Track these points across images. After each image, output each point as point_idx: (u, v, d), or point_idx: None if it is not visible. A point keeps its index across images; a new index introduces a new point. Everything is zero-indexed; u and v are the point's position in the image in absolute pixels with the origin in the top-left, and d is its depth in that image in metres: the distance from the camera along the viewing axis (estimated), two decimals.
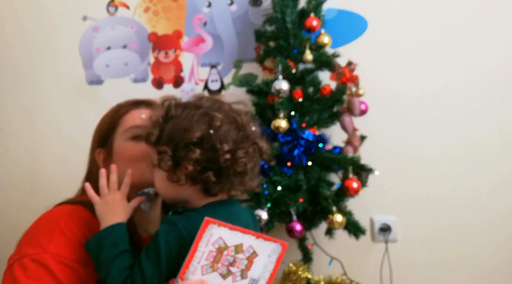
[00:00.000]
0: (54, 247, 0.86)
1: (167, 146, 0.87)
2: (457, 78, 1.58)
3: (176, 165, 0.86)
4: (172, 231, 0.83)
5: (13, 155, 1.76)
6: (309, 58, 1.40)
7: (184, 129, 0.86)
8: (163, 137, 0.88)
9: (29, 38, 1.76)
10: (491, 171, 1.55)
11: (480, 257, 1.55)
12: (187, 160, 0.85)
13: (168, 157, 0.86)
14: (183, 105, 0.91)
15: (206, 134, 0.86)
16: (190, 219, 0.84)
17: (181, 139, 0.86)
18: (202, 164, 0.85)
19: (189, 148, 0.85)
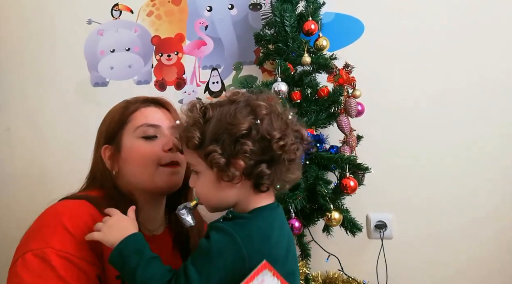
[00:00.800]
0: (57, 242, 0.85)
1: (215, 145, 0.81)
2: (453, 79, 1.59)
3: (227, 163, 0.81)
4: (229, 244, 0.77)
5: (19, 154, 1.78)
6: (307, 60, 1.41)
7: (230, 124, 0.81)
8: (206, 138, 0.83)
9: (35, 40, 1.79)
10: (487, 170, 1.57)
11: (474, 255, 1.56)
12: (240, 154, 0.80)
13: (218, 155, 0.81)
14: (218, 103, 0.86)
15: (254, 125, 0.81)
16: (244, 229, 0.79)
17: (228, 134, 0.81)
18: (254, 157, 0.81)
19: (239, 142, 0.80)
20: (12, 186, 1.78)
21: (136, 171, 1.01)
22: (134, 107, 1.06)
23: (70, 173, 1.67)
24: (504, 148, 1.56)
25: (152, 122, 1.04)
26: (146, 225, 1.05)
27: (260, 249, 0.78)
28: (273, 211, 0.87)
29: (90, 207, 0.94)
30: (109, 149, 1.05)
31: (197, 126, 0.84)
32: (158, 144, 1.03)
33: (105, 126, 1.08)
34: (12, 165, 1.79)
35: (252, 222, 0.81)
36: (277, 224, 0.85)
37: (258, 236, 0.79)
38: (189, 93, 1.72)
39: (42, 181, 1.75)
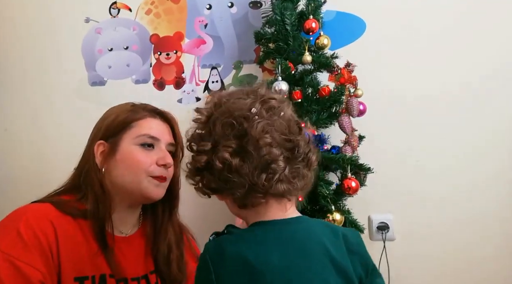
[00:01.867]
0: (5, 245, 0.88)
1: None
2: (454, 78, 1.59)
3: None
4: (201, 267, 0.73)
5: (17, 154, 1.77)
6: (308, 59, 1.41)
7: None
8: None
9: (33, 39, 1.78)
10: (489, 170, 1.56)
11: (479, 256, 1.55)
12: (191, 173, 0.81)
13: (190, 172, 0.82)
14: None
15: (195, 136, 0.81)
16: (218, 246, 0.73)
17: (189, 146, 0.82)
18: (196, 174, 0.80)
19: (195, 155, 0.80)
20: (11, 187, 1.77)
21: (126, 175, 1.04)
22: (142, 114, 1.09)
23: (68, 173, 1.67)
24: (509, 147, 1.55)
25: (155, 135, 1.08)
26: (119, 228, 1.07)
27: (233, 272, 0.69)
28: (274, 227, 0.74)
29: (52, 210, 0.96)
30: (103, 146, 1.07)
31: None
32: (153, 155, 1.06)
33: (106, 123, 1.09)
34: (10, 165, 1.78)
35: (233, 238, 0.73)
36: (273, 245, 0.71)
37: (233, 256, 0.70)
38: (188, 92, 1.71)
39: (40, 181, 1.72)
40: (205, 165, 0.75)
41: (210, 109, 0.78)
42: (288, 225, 0.75)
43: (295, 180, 0.74)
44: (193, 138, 0.80)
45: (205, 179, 0.77)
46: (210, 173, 0.75)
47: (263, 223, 0.75)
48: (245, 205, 0.75)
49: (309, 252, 0.72)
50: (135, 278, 1.04)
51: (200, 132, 0.78)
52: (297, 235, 0.74)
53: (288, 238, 0.73)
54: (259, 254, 0.69)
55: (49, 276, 0.89)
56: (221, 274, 0.68)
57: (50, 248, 0.91)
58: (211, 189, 0.77)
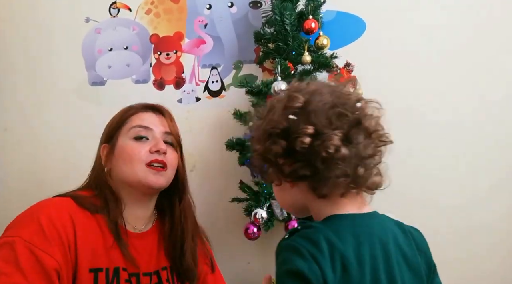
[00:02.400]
0: (26, 233, 0.93)
1: (258, 146, 0.77)
2: (455, 78, 1.58)
3: (263, 164, 0.77)
4: (295, 259, 0.67)
5: (16, 155, 1.77)
6: (308, 59, 1.41)
7: (267, 121, 0.76)
8: (254, 138, 0.79)
9: (32, 39, 1.78)
10: (490, 171, 1.56)
11: (477, 257, 1.55)
12: (269, 154, 0.74)
13: (257, 155, 0.77)
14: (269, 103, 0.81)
15: (287, 120, 0.73)
16: (310, 239, 0.68)
17: (264, 133, 0.75)
18: (286, 157, 0.73)
19: (270, 141, 0.74)
20: (9, 188, 1.76)
21: (124, 168, 1.08)
22: (134, 110, 1.14)
23: (68, 173, 1.67)
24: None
25: (146, 124, 1.11)
26: (133, 224, 1.11)
27: (333, 264, 0.67)
28: (355, 221, 0.73)
29: (72, 205, 1.02)
30: (106, 148, 1.13)
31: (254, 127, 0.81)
32: (147, 145, 1.09)
33: (107, 126, 1.16)
34: (9, 165, 1.78)
35: (321, 232, 0.69)
36: (351, 231, 0.71)
37: (328, 248, 0.68)
38: (188, 92, 1.71)
39: (39, 182, 1.73)
40: (305, 149, 0.70)
41: (307, 96, 0.74)
42: (366, 219, 0.75)
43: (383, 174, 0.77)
44: (287, 120, 0.73)
45: (291, 164, 0.72)
46: (303, 158, 0.71)
47: (343, 216, 0.73)
48: (325, 196, 0.72)
49: (387, 248, 0.73)
50: (147, 274, 1.08)
51: (294, 117, 0.73)
52: (375, 230, 0.74)
53: (369, 233, 0.73)
54: (353, 248, 0.69)
55: (64, 266, 0.94)
56: (323, 266, 0.66)
57: (68, 240, 0.96)
58: (293, 173, 0.72)
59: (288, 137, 0.72)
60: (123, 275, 1.02)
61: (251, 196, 1.40)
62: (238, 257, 1.59)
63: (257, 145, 0.77)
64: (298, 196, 0.76)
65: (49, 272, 0.91)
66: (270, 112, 0.76)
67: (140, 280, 1.06)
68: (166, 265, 1.13)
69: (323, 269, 0.66)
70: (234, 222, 1.54)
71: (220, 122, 1.65)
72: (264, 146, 0.74)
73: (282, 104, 0.75)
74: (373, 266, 0.69)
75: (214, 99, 1.70)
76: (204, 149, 1.64)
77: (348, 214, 0.73)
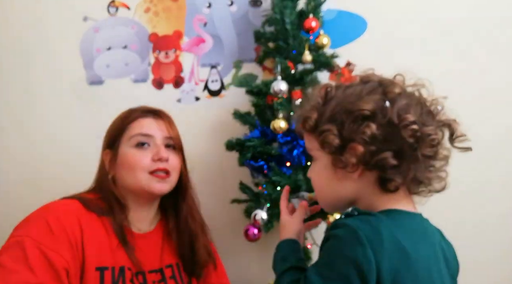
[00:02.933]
0: (35, 233, 0.95)
1: (330, 124, 0.72)
2: (456, 77, 1.57)
3: (343, 147, 0.71)
4: (350, 243, 0.66)
5: (14, 153, 1.76)
6: (308, 59, 1.40)
7: (352, 103, 0.71)
8: (324, 118, 0.74)
9: (29, 38, 1.76)
10: (493, 169, 1.55)
11: (481, 255, 1.53)
12: (358, 138, 0.69)
13: (332, 135, 0.71)
14: (347, 85, 0.77)
15: (381, 106, 0.70)
16: (371, 225, 0.67)
17: (348, 114, 0.71)
18: (377, 143, 0.69)
19: (359, 123, 0.70)
20: (7, 186, 1.75)
21: (127, 177, 1.10)
22: (133, 116, 1.15)
23: (66, 174, 1.67)
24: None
25: (146, 132, 1.12)
26: (137, 225, 1.14)
27: (391, 255, 0.66)
28: (411, 219, 0.73)
29: (79, 207, 1.05)
30: (109, 154, 1.14)
31: (316, 106, 0.76)
32: (148, 153, 1.11)
33: (108, 131, 1.18)
34: (7, 165, 1.76)
35: (383, 220, 0.68)
36: (412, 228, 0.71)
37: (389, 238, 0.66)
38: (187, 92, 1.70)
39: (36, 182, 1.73)
40: (414, 138, 0.69)
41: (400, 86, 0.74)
42: (418, 218, 0.76)
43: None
44: (377, 104, 0.71)
45: (379, 151, 0.69)
46: (395, 147, 0.69)
47: (401, 212, 0.72)
48: (395, 189, 0.71)
49: (436, 250, 0.74)
50: (152, 271, 1.11)
51: (388, 104, 0.71)
52: (427, 231, 0.75)
53: (423, 233, 0.73)
54: (411, 242, 0.69)
55: (73, 265, 0.97)
56: (380, 254, 0.65)
57: (75, 239, 0.99)
58: (379, 161, 0.69)
59: (375, 121, 0.69)
60: (128, 274, 1.05)
61: (251, 197, 1.39)
62: (238, 258, 1.58)
63: (328, 124, 0.72)
64: (357, 187, 0.73)
65: (59, 270, 0.93)
66: (347, 94, 0.74)
67: (146, 277, 1.09)
68: (170, 262, 1.16)
69: (378, 257, 0.64)
70: (234, 224, 1.53)
71: (219, 122, 1.64)
72: (348, 127, 0.70)
73: (372, 88, 0.73)
74: (427, 265, 0.70)
75: (213, 99, 1.69)
76: (204, 149, 1.63)
77: (403, 211, 0.73)
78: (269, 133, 1.39)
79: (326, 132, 0.72)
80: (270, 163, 1.38)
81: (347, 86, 0.76)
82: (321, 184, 0.78)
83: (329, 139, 0.71)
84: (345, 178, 0.73)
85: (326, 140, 0.72)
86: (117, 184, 1.12)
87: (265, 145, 1.39)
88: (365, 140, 0.69)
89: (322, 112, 0.74)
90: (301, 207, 0.89)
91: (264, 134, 1.42)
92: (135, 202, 1.13)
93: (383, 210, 0.72)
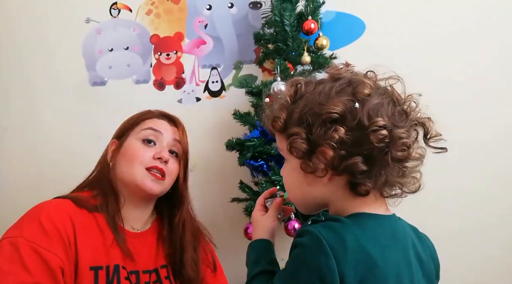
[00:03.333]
0: (29, 233, 0.95)
1: (298, 127, 0.69)
2: (455, 79, 1.58)
3: (311, 151, 0.68)
4: (314, 252, 0.64)
5: (16, 154, 1.77)
6: (307, 60, 1.41)
7: (320, 104, 0.68)
8: (292, 120, 0.71)
9: (32, 40, 1.78)
10: (492, 170, 1.56)
11: (482, 257, 1.55)
12: (327, 142, 0.66)
13: (300, 140, 0.68)
14: (317, 81, 0.74)
15: (350, 108, 0.66)
16: (336, 233, 0.65)
17: (316, 115, 0.68)
18: (346, 148, 0.66)
19: (328, 127, 0.66)
20: (9, 187, 1.76)
21: (125, 167, 1.10)
22: (150, 115, 1.17)
23: (68, 174, 1.66)
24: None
25: (157, 128, 1.14)
26: (131, 223, 1.13)
27: (356, 264, 0.64)
28: (381, 223, 0.70)
29: (71, 206, 1.04)
30: (115, 144, 1.16)
31: (285, 105, 0.73)
32: (152, 150, 1.11)
33: (122, 124, 1.19)
34: (9, 166, 1.78)
35: (349, 227, 0.66)
36: (380, 232, 0.68)
37: (354, 246, 0.64)
38: (188, 93, 1.71)
39: (39, 181, 1.73)
40: (382, 142, 0.65)
41: (371, 83, 0.71)
42: (390, 222, 0.73)
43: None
44: (345, 106, 0.67)
45: (348, 156, 0.66)
46: (365, 152, 0.66)
47: (371, 216, 0.70)
48: (366, 194, 0.68)
49: (408, 254, 0.71)
50: (146, 271, 1.10)
51: (357, 105, 0.67)
52: (398, 235, 0.72)
53: (393, 235, 0.71)
54: (379, 248, 0.66)
55: (67, 263, 0.96)
56: (344, 263, 0.62)
57: (68, 238, 0.98)
58: (348, 166, 0.66)
59: (344, 124, 0.66)
60: (123, 273, 1.04)
61: (251, 196, 1.41)
62: (238, 257, 1.58)
63: (296, 127, 0.70)
64: (327, 191, 0.71)
65: (54, 270, 0.93)
66: (315, 93, 0.70)
67: (140, 277, 1.08)
68: (165, 263, 1.15)
69: (341, 266, 0.62)
70: (234, 222, 1.54)
71: (220, 122, 1.65)
72: (316, 131, 0.67)
73: (341, 87, 0.69)
74: (397, 272, 0.67)
75: (214, 100, 1.70)
76: (204, 149, 1.64)
77: (375, 214, 0.70)
78: (268, 133, 1.40)
79: (294, 136, 0.69)
80: (269, 163, 1.38)
81: (317, 83, 0.73)
82: (292, 186, 0.77)
83: (297, 144, 0.69)
84: (314, 182, 0.70)
85: (294, 145, 0.69)
86: (115, 174, 1.12)
87: (265, 145, 1.40)
88: (334, 145, 0.66)
89: (291, 111, 0.72)
90: (275, 204, 0.87)
91: (264, 134, 1.43)
92: (129, 199, 1.12)
93: (352, 213, 0.70)
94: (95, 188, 1.12)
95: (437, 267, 0.79)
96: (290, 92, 0.74)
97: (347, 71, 0.74)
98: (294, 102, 0.72)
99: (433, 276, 0.76)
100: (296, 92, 0.73)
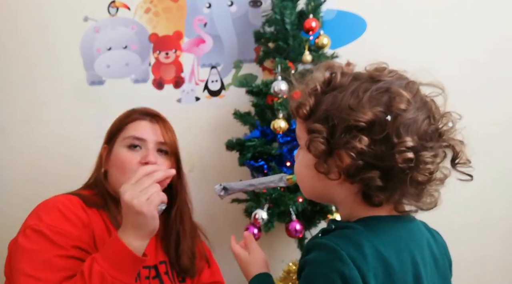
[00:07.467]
0: (49, 220, 1.00)
1: (322, 125, 0.66)
2: (456, 77, 1.57)
3: (329, 153, 0.65)
4: (332, 263, 0.61)
5: (14, 155, 1.76)
6: (308, 59, 1.41)
7: (350, 107, 0.64)
8: (318, 111, 0.67)
9: (30, 38, 1.76)
10: (492, 169, 1.54)
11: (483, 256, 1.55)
12: (347, 149, 0.62)
13: (321, 139, 0.65)
14: (354, 74, 0.70)
15: (380, 120, 0.62)
16: (352, 241, 0.63)
17: (342, 119, 0.64)
18: (366, 159, 0.62)
19: (352, 134, 0.62)
20: (7, 187, 1.75)
21: (116, 175, 1.13)
22: (132, 117, 1.18)
23: (66, 173, 1.66)
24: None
25: (140, 136, 1.14)
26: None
27: (376, 271, 0.62)
28: (394, 225, 0.68)
29: (80, 202, 1.09)
30: (105, 149, 1.18)
31: (314, 93, 0.68)
32: (138, 155, 1.13)
33: (109, 128, 1.20)
34: (8, 165, 1.76)
35: (362, 233, 0.64)
36: (397, 237, 0.66)
37: (371, 253, 0.62)
38: (187, 92, 1.70)
39: (38, 181, 1.73)
40: (403, 166, 0.62)
41: (410, 95, 0.65)
42: (403, 223, 0.70)
43: None
44: (376, 116, 0.62)
45: (366, 169, 0.63)
46: (385, 169, 0.62)
47: (382, 219, 0.67)
48: (379, 205, 0.66)
49: (423, 254, 0.70)
50: (146, 266, 1.12)
51: (389, 119, 0.63)
52: (413, 235, 0.70)
53: (408, 238, 0.68)
54: (395, 251, 0.65)
55: (90, 246, 1.02)
56: (365, 272, 0.61)
57: (88, 227, 1.04)
58: (364, 179, 0.64)
59: (369, 135, 0.62)
60: None
61: (251, 197, 1.40)
62: None
63: (319, 124, 0.66)
64: (338, 193, 0.69)
65: (83, 247, 0.99)
66: (348, 91, 0.66)
67: (140, 272, 1.09)
68: (164, 259, 1.18)
69: (364, 275, 0.61)
70: (234, 223, 1.54)
71: (219, 122, 1.64)
72: (339, 135, 0.63)
73: (377, 92, 0.64)
74: (415, 273, 0.66)
75: (213, 99, 1.69)
76: (204, 149, 1.63)
77: (386, 216, 0.68)
78: (269, 133, 1.40)
79: (316, 134, 0.66)
80: (270, 163, 1.38)
81: (354, 77, 0.68)
82: (301, 176, 0.74)
83: (316, 144, 0.65)
84: (326, 179, 0.67)
85: (313, 143, 0.66)
86: (111, 181, 1.15)
87: (265, 145, 1.40)
88: (353, 155, 0.62)
89: (318, 102, 0.67)
90: (249, 237, 0.90)
91: (264, 134, 1.42)
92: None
93: (364, 217, 0.67)
94: (94, 189, 1.15)
95: (450, 263, 0.78)
96: (323, 79, 0.69)
97: (390, 73, 0.69)
98: (324, 93, 0.68)
99: (448, 274, 0.75)
100: (329, 81, 0.68)
